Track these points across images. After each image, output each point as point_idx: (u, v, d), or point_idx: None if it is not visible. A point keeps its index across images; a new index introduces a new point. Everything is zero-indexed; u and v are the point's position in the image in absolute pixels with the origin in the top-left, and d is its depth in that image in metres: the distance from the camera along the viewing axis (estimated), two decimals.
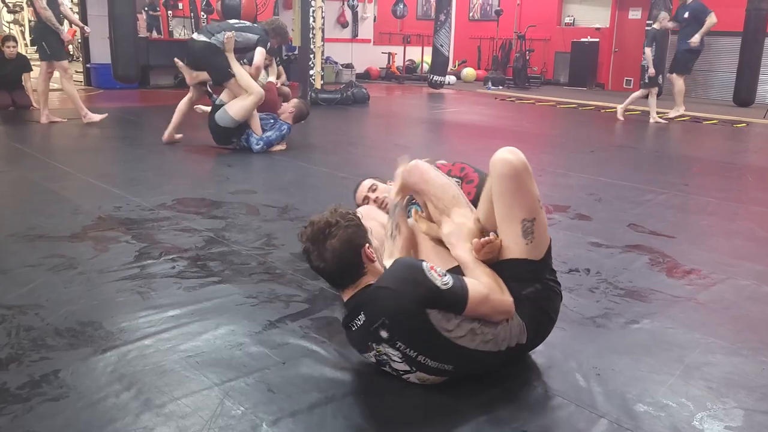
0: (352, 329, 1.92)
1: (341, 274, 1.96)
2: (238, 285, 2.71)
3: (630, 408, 1.92)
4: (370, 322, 1.84)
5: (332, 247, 1.90)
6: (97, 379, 1.96)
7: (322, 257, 1.91)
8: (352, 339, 1.98)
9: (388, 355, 1.89)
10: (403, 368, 1.91)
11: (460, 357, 1.89)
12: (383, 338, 1.85)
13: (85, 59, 11.15)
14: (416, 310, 1.81)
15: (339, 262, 1.91)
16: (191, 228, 3.47)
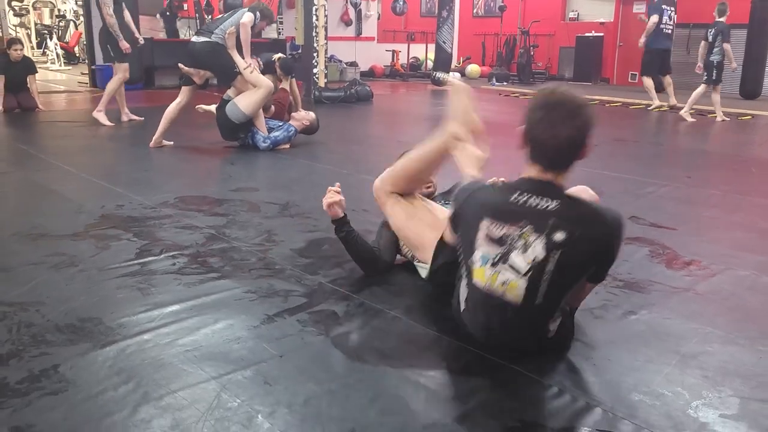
0: (519, 202, 1.93)
1: (574, 155, 1.93)
2: (237, 280, 2.73)
3: (625, 397, 1.92)
4: (565, 223, 1.88)
5: (586, 123, 1.91)
6: (95, 374, 1.98)
7: (575, 127, 1.89)
8: (503, 206, 1.96)
9: (527, 246, 1.90)
10: (518, 264, 1.93)
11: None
12: (555, 240, 1.88)
13: (90, 61, 11.20)
14: (610, 253, 1.96)
15: (581, 141, 1.91)
16: (192, 225, 3.49)
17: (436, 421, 1.79)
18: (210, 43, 5.57)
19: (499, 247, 1.95)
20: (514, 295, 1.95)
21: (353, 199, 4.12)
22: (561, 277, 1.92)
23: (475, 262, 2.02)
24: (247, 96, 5.52)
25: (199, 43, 5.64)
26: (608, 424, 1.79)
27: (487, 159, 2.51)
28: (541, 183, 1.95)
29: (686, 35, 12.56)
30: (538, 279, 1.91)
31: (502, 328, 2.05)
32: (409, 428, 1.76)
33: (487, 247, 1.98)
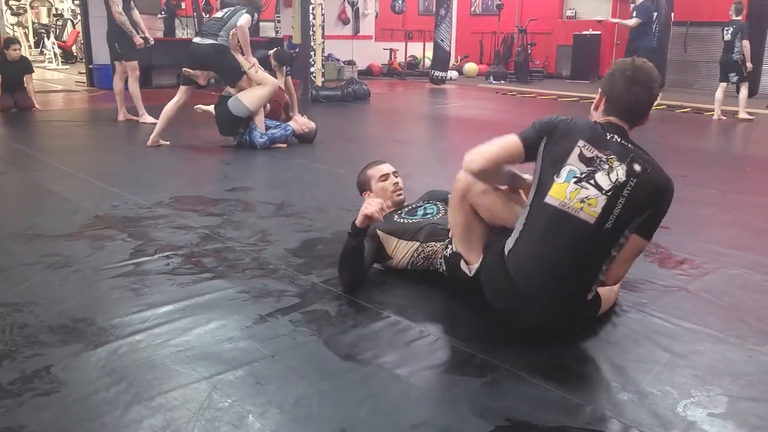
0: (607, 136, 2.15)
1: (641, 114, 2.23)
2: (230, 281, 2.74)
3: (614, 396, 1.93)
4: (641, 159, 2.13)
5: (655, 89, 2.20)
6: (88, 374, 1.99)
7: (647, 90, 2.17)
8: (598, 133, 2.17)
9: (612, 169, 2.11)
10: (602, 182, 2.11)
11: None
12: (635, 169, 2.11)
13: (88, 60, 11.20)
14: (664, 202, 2.17)
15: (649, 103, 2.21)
16: (187, 225, 3.50)
17: (426, 420, 1.80)
18: (215, 45, 5.56)
19: (588, 167, 2.13)
20: (591, 212, 2.10)
21: (349, 199, 4.14)
22: (631, 205, 2.11)
23: (560, 177, 2.15)
24: (252, 92, 5.55)
25: (204, 45, 5.61)
26: (597, 423, 1.80)
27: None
28: (619, 128, 2.20)
29: (683, 33, 12.56)
30: (615, 200, 2.10)
31: (553, 269, 2.12)
32: (399, 428, 1.76)
33: (578, 165, 2.14)
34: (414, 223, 2.79)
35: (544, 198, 2.15)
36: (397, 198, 3.02)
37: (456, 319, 2.45)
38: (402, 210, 2.93)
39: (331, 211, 3.87)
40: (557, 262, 2.12)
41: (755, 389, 2.00)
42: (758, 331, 2.40)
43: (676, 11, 12.11)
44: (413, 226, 2.77)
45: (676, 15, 12.16)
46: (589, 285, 2.20)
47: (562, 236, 2.12)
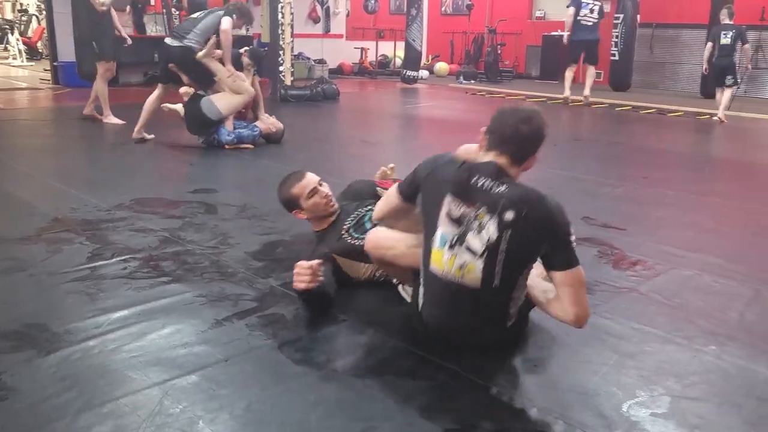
0: (476, 185, 2.05)
1: (524, 149, 2.11)
2: (188, 285, 2.74)
3: (561, 397, 1.98)
4: (514, 203, 1.99)
5: (538, 126, 2.11)
6: (38, 381, 1.98)
7: (528, 125, 2.08)
8: (463, 185, 2.07)
9: (482, 226, 2.01)
10: (474, 245, 2.02)
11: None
12: (506, 219, 1.99)
13: (52, 57, 11.01)
14: (558, 233, 2.02)
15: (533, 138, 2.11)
16: (147, 228, 3.48)
17: (377, 423, 1.82)
18: (182, 48, 5.58)
19: (457, 228, 2.06)
20: (473, 278, 2.04)
21: None
22: (514, 256, 2.02)
23: (434, 242, 2.10)
24: (227, 97, 5.54)
25: (173, 47, 5.65)
26: (543, 425, 1.84)
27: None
28: (495, 168, 2.08)
29: (650, 35, 12.75)
30: (493, 260, 2.01)
31: (462, 319, 2.12)
32: (350, 430, 1.79)
33: (447, 227, 2.08)
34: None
35: (429, 267, 2.14)
36: (331, 209, 2.90)
37: (409, 325, 2.47)
38: (348, 225, 2.84)
39: None
40: (462, 319, 2.13)
41: (697, 389, 2.06)
42: (705, 331, 2.47)
43: (643, 13, 12.31)
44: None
45: (643, 17, 12.35)
46: (504, 320, 2.15)
47: (457, 301, 2.10)
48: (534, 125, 2.09)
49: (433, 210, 2.12)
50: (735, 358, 2.26)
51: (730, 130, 8.25)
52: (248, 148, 5.79)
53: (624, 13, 12.14)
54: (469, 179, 2.07)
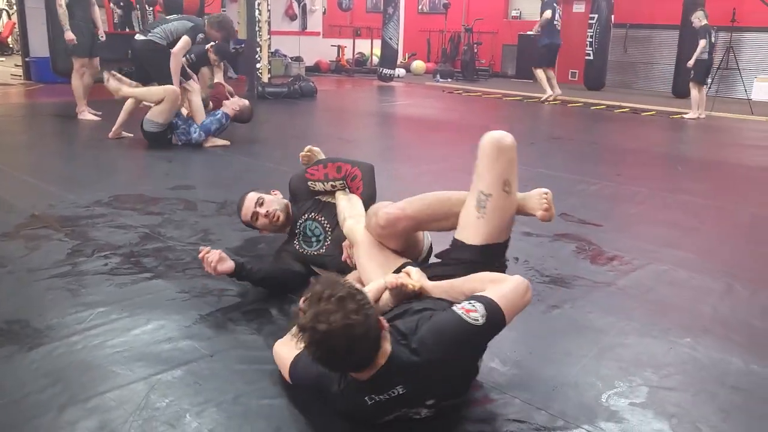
0: (375, 400, 1.69)
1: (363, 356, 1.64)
2: (170, 280, 2.73)
3: (542, 388, 2.02)
4: (417, 395, 1.71)
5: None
6: (21, 377, 1.97)
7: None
8: (364, 409, 1.71)
9: (417, 413, 1.77)
10: (424, 414, 1.79)
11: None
12: (427, 405, 1.75)
13: (24, 53, 10.83)
14: (470, 369, 1.83)
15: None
16: (126, 225, 3.46)
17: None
18: (145, 41, 5.74)
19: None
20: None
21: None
22: (458, 392, 1.87)
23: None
24: (155, 109, 5.51)
25: (138, 42, 5.80)
26: (524, 415, 1.88)
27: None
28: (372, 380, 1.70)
29: (623, 35, 12.94)
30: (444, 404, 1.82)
31: None
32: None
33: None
34: (318, 257, 2.75)
35: None
36: (280, 224, 2.85)
37: None
38: (298, 237, 2.83)
39: None
40: None
41: (673, 379, 2.12)
42: (679, 324, 2.53)
43: (617, 14, 12.48)
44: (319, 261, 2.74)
45: (617, 17, 12.53)
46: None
47: None
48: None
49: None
50: (709, 350, 2.33)
51: (701, 128, 8.42)
52: (226, 145, 5.75)
53: (598, 14, 12.31)
54: (367, 402, 1.71)
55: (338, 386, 1.73)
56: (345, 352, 1.55)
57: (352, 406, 1.73)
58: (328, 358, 1.58)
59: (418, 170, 5.25)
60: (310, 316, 1.54)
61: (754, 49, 11.74)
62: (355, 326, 1.53)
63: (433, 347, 1.68)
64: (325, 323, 1.52)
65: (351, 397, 1.71)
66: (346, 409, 1.77)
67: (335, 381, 1.73)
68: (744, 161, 6.33)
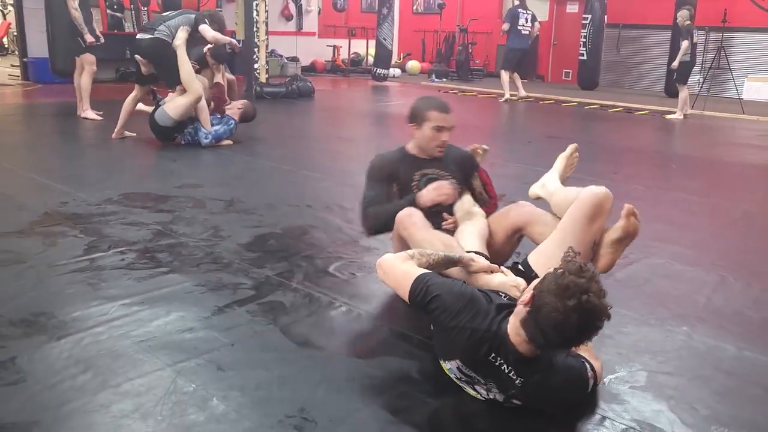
0: (492, 358, 1.82)
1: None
2: (186, 275, 2.83)
3: None
4: (510, 388, 1.83)
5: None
6: (52, 365, 2.06)
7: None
8: (476, 356, 1.85)
9: (486, 393, 1.90)
10: (484, 397, 1.92)
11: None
12: (502, 398, 1.87)
13: (22, 53, 10.88)
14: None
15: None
16: (139, 222, 3.55)
17: (375, 398, 1.95)
18: (153, 39, 5.69)
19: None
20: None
21: (297, 196, 4.27)
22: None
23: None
24: (175, 100, 5.59)
25: (145, 40, 5.77)
26: None
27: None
28: (514, 353, 1.82)
29: (616, 35, 13.09)
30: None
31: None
32: (352, 404, 1.91)
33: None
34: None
35: None
36: (437, 154, 2.78)
37: (403, 308, 2.61)
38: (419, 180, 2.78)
39: (280, 207, 3.98)
40: None
41: (671, 365, 2.24)
42: (676, 314, 2.65)
43: (610, 14, 12.64)
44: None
45: (610, 18, 12.68)
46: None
47: None
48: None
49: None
50: (704, 337, 2.44)
51: (693, 127, 8.56)
52: (228, 145, 5.85)
53: (592, 14, 12.46)
54: (488, 354, 1.84)
55: (485, 322, 1.85)
56: (579, 331, 1.68)
57: (472, 344, 1.84)
58: (569, 325, 1.65)
59: None
60: (585, 285, 1.64)
61: (746, 48, 11.91)
62: (603, 319, 1.69)
63: (560, 381, 1.85)
64: (596, 300, 1.65)
65: (481, 340, 1.83)
66: (465, 342, 1.86)
67: (487, 317, 1.86)
68: (736, 159, 6.47)
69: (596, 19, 12.44)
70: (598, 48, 12.65)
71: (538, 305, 1.70)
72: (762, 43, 11.76)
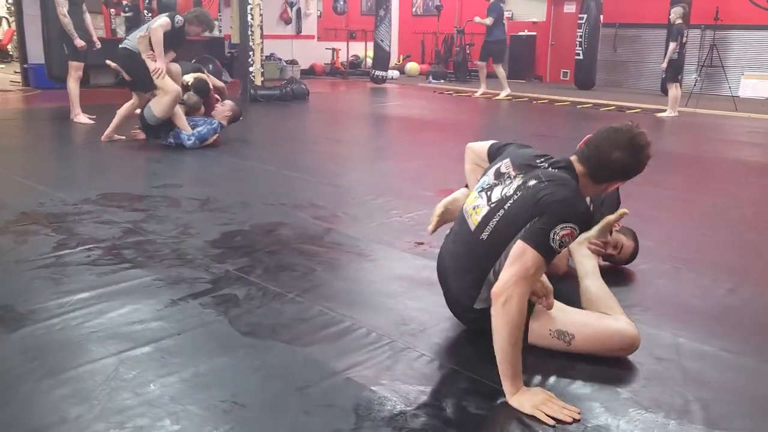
0: (536, 163, 2.18)
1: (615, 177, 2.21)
2: (148, 270, 2.92)
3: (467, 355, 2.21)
4: (543, 178, 2.08)
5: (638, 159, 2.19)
6: (3, 355, 2.16)
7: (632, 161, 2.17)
8: (527, 159, 2.22)
9: (509, 185, 2.16)
10: (493, 195, 2.19)
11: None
12: (527, 185, 2.10)
13: (23, 60, 11.06)
14: (547, 214, 2.02)
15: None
16: (111, 220, 3.65)
17: (312, 383, 2.03)
18: (123, 49, 5.95)
19: (495, 180, 2.24)
20: (474, 220, 2.22)
21: (274, 194, 4.36)
22: (511, 218, 2.10)
23: (476, 186, 2.32)
24: (158, 99, 5.69)
25: (121, 50, 6.01)
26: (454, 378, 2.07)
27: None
28: (566, 163, 2.18)
29: (613, 34, 13.11)
30: (494, 212, 2.15)
31: (451, 260, 2.35)
32: (287, 389, 1.99)
33: (490, 177, 2.27)
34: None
35: (463, 206, 2.39)
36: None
37: (357, 300, 2.69)
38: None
39: (254, 205, 4.07)
40: (451, 260, 2.37)
41: None
42: (624, 305, 2.70)
43: (607, 13, 12.67)
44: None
45: (607, 17, 12.71)
46: (473, 292, 2.25)
47: (457, 237, 2.36)
48: (628, 157, 2.12)
49: (492, 165, 2.33)
50: (643, 325, 2.49)
51: (683, 125, 8.59)
52: (213, 144, 5.91)
53: (588, 14, 12.49)
54: (536, 158, 2.21)
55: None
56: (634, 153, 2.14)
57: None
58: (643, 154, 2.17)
59: (400, 166, 5.46)
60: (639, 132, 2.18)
61: (742, 46, 11.90)
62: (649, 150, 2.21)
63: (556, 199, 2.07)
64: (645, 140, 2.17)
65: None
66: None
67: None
68: (719, 155, 6.51)
69: (592, 19, 12.47)
70: (594, 47, 12.67)
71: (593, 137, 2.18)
72: (758, 41, 11.75)
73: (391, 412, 1.90)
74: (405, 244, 3.40)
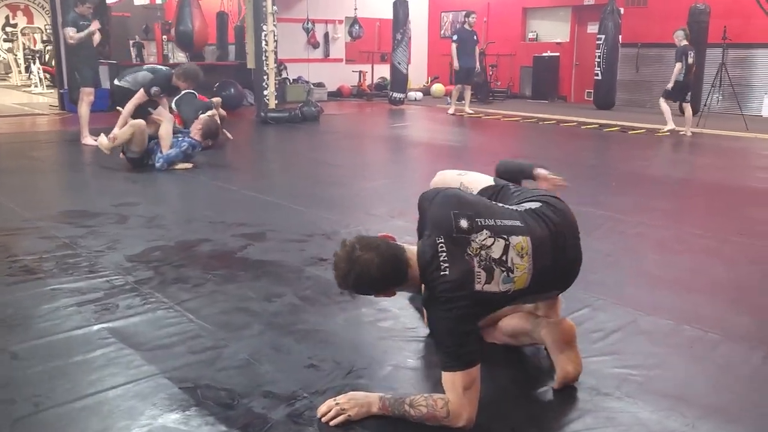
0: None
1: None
2: (54, 279, 3.24)
3: None
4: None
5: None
6: None
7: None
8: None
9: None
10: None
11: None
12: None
13: (59, 85, 11.84)
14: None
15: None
16: (54, 236, 3.99)
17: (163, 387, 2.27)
18: (119, 88, 6.60)
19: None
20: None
21: (219, 213, 4.61)
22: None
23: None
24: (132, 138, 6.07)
25: (115, 86, 6.74)
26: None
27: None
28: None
29: (635, 54, 13.01)
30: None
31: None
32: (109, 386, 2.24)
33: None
34: None
35: None
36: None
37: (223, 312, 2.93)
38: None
39: (194, 224, 4.34)
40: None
41: None
42: None
43: (628, 34, 12.60)
44: None
45: (627, 37, 12.64)
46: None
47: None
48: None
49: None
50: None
51: (684, 145, 8.50)
52: (187, 168, 6.15)
53: (606, 34, 12.46)
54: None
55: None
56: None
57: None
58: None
59: (375, 184, 5.68)
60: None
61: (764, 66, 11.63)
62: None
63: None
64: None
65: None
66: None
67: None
68: (704, 178, 6.45)
69: (610, 39, 12.43)
70: (613, 67, 12.61)
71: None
72: None
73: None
74: (308, 261, 3.60)
